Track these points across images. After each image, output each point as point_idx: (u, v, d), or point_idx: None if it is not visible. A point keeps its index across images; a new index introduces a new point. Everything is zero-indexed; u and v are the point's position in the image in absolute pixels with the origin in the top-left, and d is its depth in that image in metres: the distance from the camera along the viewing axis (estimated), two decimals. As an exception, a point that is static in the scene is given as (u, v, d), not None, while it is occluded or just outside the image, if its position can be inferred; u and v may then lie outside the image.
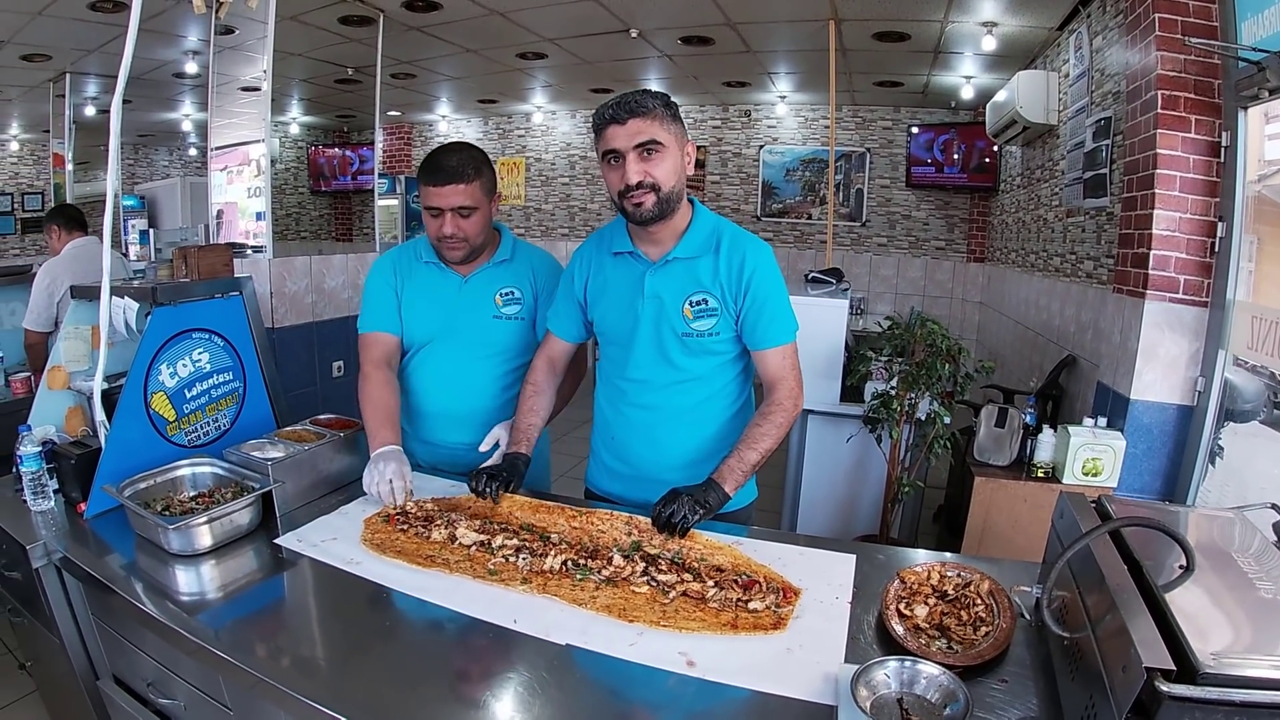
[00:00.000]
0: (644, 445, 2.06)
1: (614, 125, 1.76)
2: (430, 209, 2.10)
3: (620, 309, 1.99)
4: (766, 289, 1.87)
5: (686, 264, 1.91)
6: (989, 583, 1.48)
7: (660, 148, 1.77)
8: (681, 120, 1.83)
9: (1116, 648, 1.00)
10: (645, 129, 1.75)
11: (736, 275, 1.87)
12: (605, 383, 2.12)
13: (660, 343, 1.94)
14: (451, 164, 2.05)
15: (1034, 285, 5.63)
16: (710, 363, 1.96)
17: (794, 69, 6.81)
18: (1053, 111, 5.09)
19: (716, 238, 1.91)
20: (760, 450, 1.82)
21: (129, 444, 1.99)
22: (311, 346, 4.71)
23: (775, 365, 1.90)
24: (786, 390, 1.89)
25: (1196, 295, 2.98)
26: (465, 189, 2.06)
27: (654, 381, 1.98)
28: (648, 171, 1.78)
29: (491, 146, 9.80)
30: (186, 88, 6.93)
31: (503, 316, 2.25)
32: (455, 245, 2.14)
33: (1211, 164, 2.92)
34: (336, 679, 1.31)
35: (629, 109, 1.74)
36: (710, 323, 1.90)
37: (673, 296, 1.91)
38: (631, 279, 1.96)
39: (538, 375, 2.12)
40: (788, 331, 1.90)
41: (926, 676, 1.19)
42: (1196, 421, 3.00)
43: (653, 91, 1.78)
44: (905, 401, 3.47)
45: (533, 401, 2.09)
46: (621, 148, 1.76)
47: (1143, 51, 3.05)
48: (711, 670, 1.29)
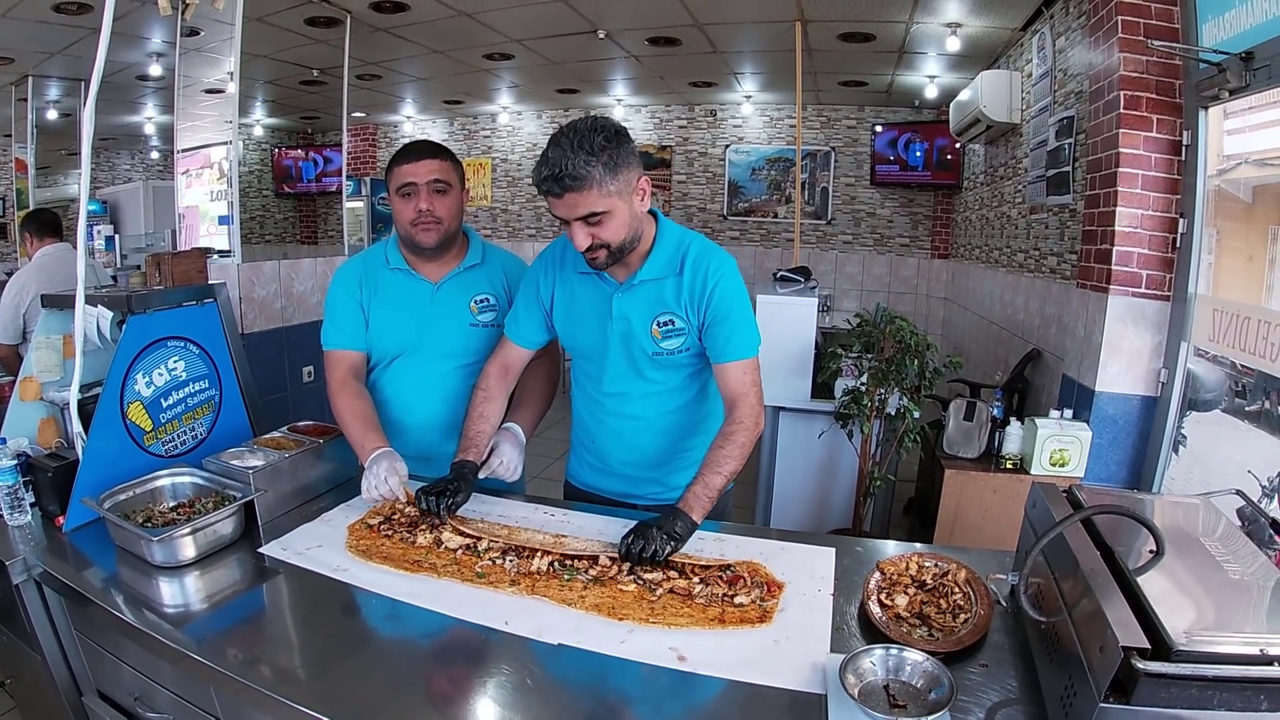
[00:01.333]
0: (623, 449, 2.08)
1: (552, 198, 1.70)
2: (404, 187, 2.06)
3: (589, 328, 1.98)
4: (728, 304, 1.86)
5: (652, 285, 1.89)
6: (965, 571, 1.53)
7: (604, 215, 1.71)
8: (628, 164, 1.72)
9: (1093, 629, 1.05)
10: (583, 202, 1.68)
11: (700, 293, 1.86)
12: (581, 391, 2.13)
13: (631, 360, 1.95)
14: (425, 145, 2.09)
15: (998, 281, 5.73)
16: (683, 374, 1.99)
17: (760, 69, 6.87)
18: (1016, 110, 5.18)
19: (681, 256, 1.89)
20: (724, 474, 1.78)
21: (106, 455, 1.96)
22: (282, 351, 4.67)
23: (735, 380, 1.86)
24: (747, 408, 1.84)
25: (1159, 289, 3.07)
26: (440, 164, 2.07)
27: (630, 394, 2.00)
28: (595, 235, 1.74)
29: (457, 147, 9.74)
30: (150, 90, 6.84)
31: (479, 325, 2.21)
32: (429, 225, 2.08)
33: (1173, 162, 3.00)
34: (330, 685, 1.30)
35: (563, 184, 1.65)
36: (678, 341, 1.91)
37: (640, 318, 1.90)
38: (599, 299, 1.95)
39: (489, 381, 2.07)
40: (749, 347, 1.87)
41: (911, 663, 1.24)
42: (1160, 411, 3.08)
43: (590, 146, 1.65)
44: (875, 397, 3.53)
45: (483, 408, 2.03)
46: (564, 216, 1.73)
47: (1106, 52, 3.12)
48: (703, 664, 1.32)
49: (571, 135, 1.66)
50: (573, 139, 1.65)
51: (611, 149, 1.67)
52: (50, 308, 2.31)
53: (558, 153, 1.65)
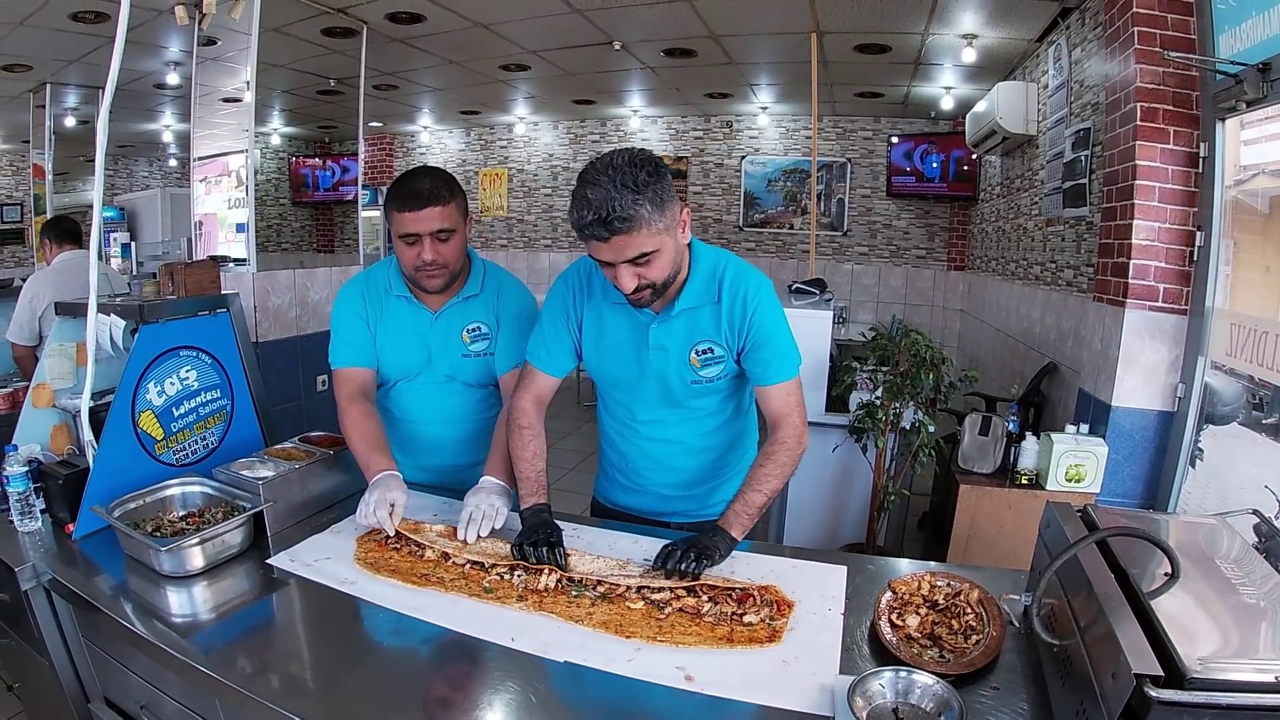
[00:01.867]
0: (659, 472, 2.05)
1: (596, 242, 1.60)
2: (406, 236, 1.98)
3: (625, 358, 1.92)
4: (768, 328, 1.82)
5: (690, 314, 1.84)
6: (978, 591, 1.51)
7: (652, 254, 1.63)
8: (670, 197, 1.64)
9: (1105, 654, 1.02)
10: (632, 243, 1.59)
11: (739, 321, 1.82)
12: (613, 418, 2.08)
13: (668, 389, 1.91)
14: (426, 187, 1.95)
15: (1014, 293, 5.70)
16: (719, 397, 1.96)
17: (775, 80, 6.87)
18: (1032, 122, 5.16)
19: (718, 283, 1.83)
20: (765, 491, 1.75)
21: (117, 463, 1.97)
22: (296, 360, 4.69)
23: (778, 402, 1.84)
24: (790, 428, 1.82)
25: (1176, 303, 3.03)
26: (443, 211, 1.97)
27: (666, 420, 1.97)
28: (641, 275, 1.66)
29: (474, 157, 9.82)
30: (167, 98, 6.92)
31: (471, 354, 2.19)
32: (434, 273, 2.04)
33: (1190, 174, 2.96)
34: (334, 700, 1.30)
35: (611, 227, 1.55)
36: (717, 369, 1.87)
37: (678, 347, 1.86)
38: (634, 329, 1.88)
39: (530, 417, 1.96)
40: (791, 368, 1.84)
41: (921, 686, 1.21)
42: (1177, 427, 3.04)
43: (634, 183, 1.55)
44: (890, 411, 3.50)
45: (535, 446, 1.93)
46: (610, 260, 1.64)
47: (1122, 64, 3.10)
48: (710, 684, 1.31)
49: (611, 173, 1.56)
50: (614, 177, 1.55)
51: (654, 184, 1.59)
52: (64, 315, 2.33)
53: (600, 193, 1.55)
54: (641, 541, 1.88)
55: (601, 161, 1.60)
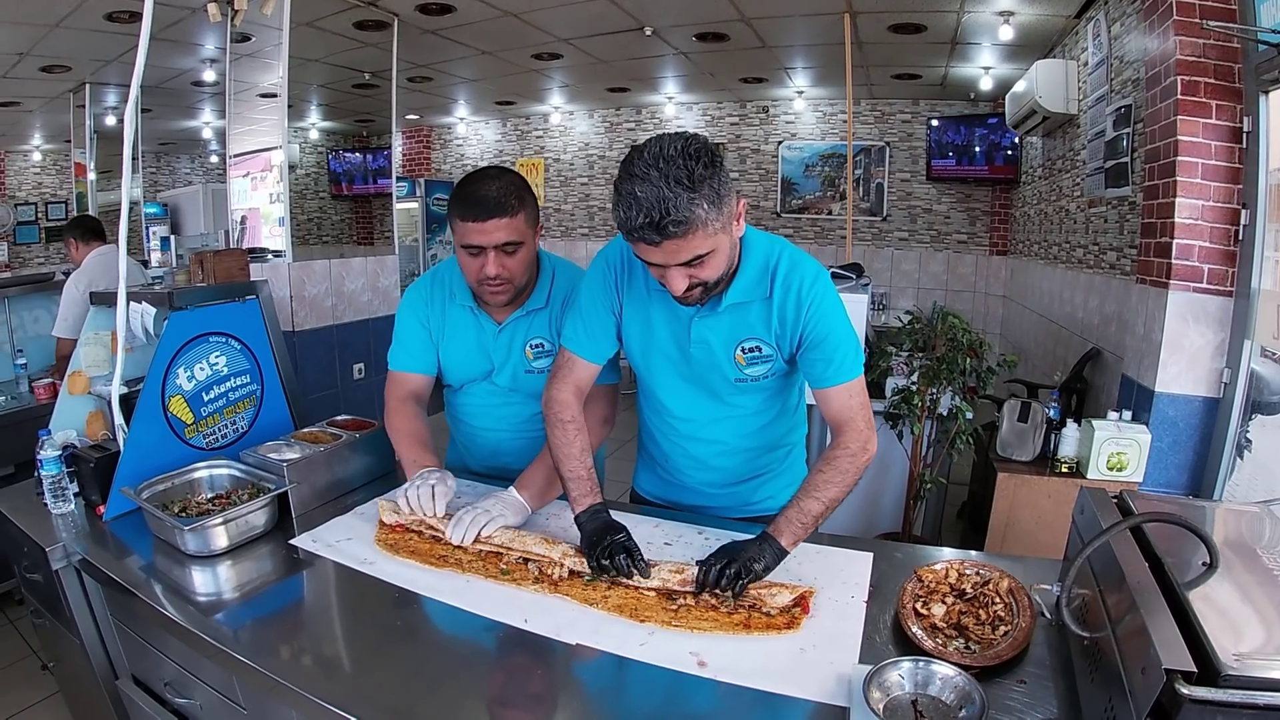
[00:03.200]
0: (700, 470, 1.94)
1: (646, 246, 1.44)
2: (470, 247, 1.81)
3: (666, 350, 1.78)
4: (826, 326, 1.64)
5: (738, 309, 1.67)
6: (1009, 581, 1.45)
7: (708, 255, 1.47)
8: (728, 189, 1.44)
9: (1136, 648, 0.97)
10: (687, 247, 1.43)
11: (793, 318, 1.65)
12: (653, 411, 1.95)
13: (709, 386, 1.78)
14: (492, 194, 1.77)
15: (1057, 277, 5.58)
16: (765, 395, 1.82)
17: (810, 63, 6.78)
18: (1072, 101, 5.03)
19: (769, 277, 1.65)
20: (824, 500, 1.57)
21: (147, 447, 2.00)
22: (332, 349, 4.75)
23: (840, 405, 1.66)
24: (855, 434, 1.64)
25: (1221, 285, 2.93)
26: (509, 223, 1.78)
27: (708, 418, 1.84)
28: (694, 276, 1.50)
29: (510, 148, 9.84)
30: (205, 95, 7.03)
31: (534, 370, 2.07)
32: (498, 289, 1.88)
33: (1233, 150, 2.87)
34: (349, 679, 1.31)
35: (665, 231, 1.38)
36: (764, 368, 1.72)
37: (723, 343, 1.71)
38: (674, 320, 1.73)
39: (571, 410, 1.79)
40: (853, 367, 1.66)
41: (941, 677, 1.16)
42: (1223, 414, 2.94)
43: (689, 179, 1.36)
44: (927, 397, 3.43)
45: (581, 441, 1.77)
46: (662, 263, 1.48)
47: (1161, 37, 3.00)
48: (723, 671, 1.28)
49: (662, 166, 1.36)
50: (665, 171, 1.35)
51: (711, 177, 1.39)
52: (98, 305, 2.38)
53: (651, 191, 1.35)
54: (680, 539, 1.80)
55: (650, 151, 1.39)
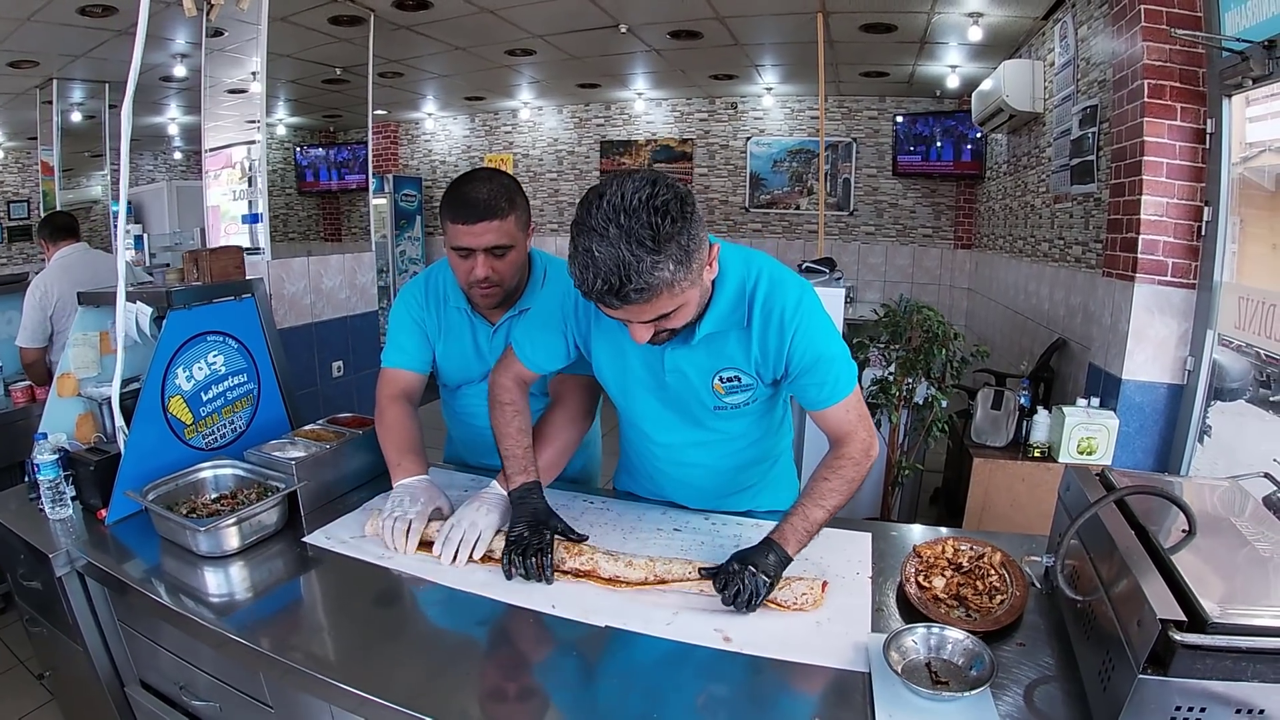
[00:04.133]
0: (679, 488, 1.94)
1: (605, 307, 1.37)
2: (459, 249, 1.81)
3: (639, 379, 1.72)
4: (814, 350, 1.57)
5: (713, 339, 1.59)
6: (1000, 554, 1.56)
7: (675, 311, 1.40)
8: (699, 239, 1.34)
9: (1130, 605, 1.07)
10: (651, 309, 1.36)
11: (774, 347, 1.58)
12: (634, 433, 1.91)
13: (689, 414, 1.73)
14: (482, 196, 1.76)
15: (1022, 270, 5.71)
16: (747, 420, 1.77)
17: (780, 61, 6.85)
18: (1039, 99, 5.16)
19: (747, 303, 1.57)
20: (828, 507, 1.56)
21: (148, 448, 1.98)
22: (311, 347, 4.74)
23: (838, 421, 1.62)
24: (856, 444, 1.62)
25: (1184, 278, 3.07)
26: (500, 225, 1.78)
27: (686, 442, 1.80)
28: (660, 326, 1.43)
29: (478, 143, 9.81)
30: (173, 91, 6.92)
31: None
32: (488, 291, 1.88)
33: (1197, 150, 3.00)
34: (381, 668, 1.32)
35: (626, 298, 1.30)
36: (744, 396, 1.67)
37: (700, 373, 1.64)
38: (649, 351, 1.63)
39: (511, 394, 1.81)
40: (847, 384, 1.61)
41: (952, 641, 1.27)
42: (1187, 400, 3.09)
43: (654, 237, 1.25)
44: (903, 387, 3.54)
45: (519, 422, 1.79)
46: (625, 319, 1.42)
47: (1129, 41, 3.12)
48: (748, 645, 1.36)
49: (623, 221, 1.25)
50: (626, 227, 1.25)
51: (679, 233, 1.28)
52: (87, 305, 2.33)
53: (608, 251, 1.25)
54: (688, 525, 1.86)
55: (610, 200, 1.27)
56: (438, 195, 10.05)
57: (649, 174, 1.31)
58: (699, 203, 1.36)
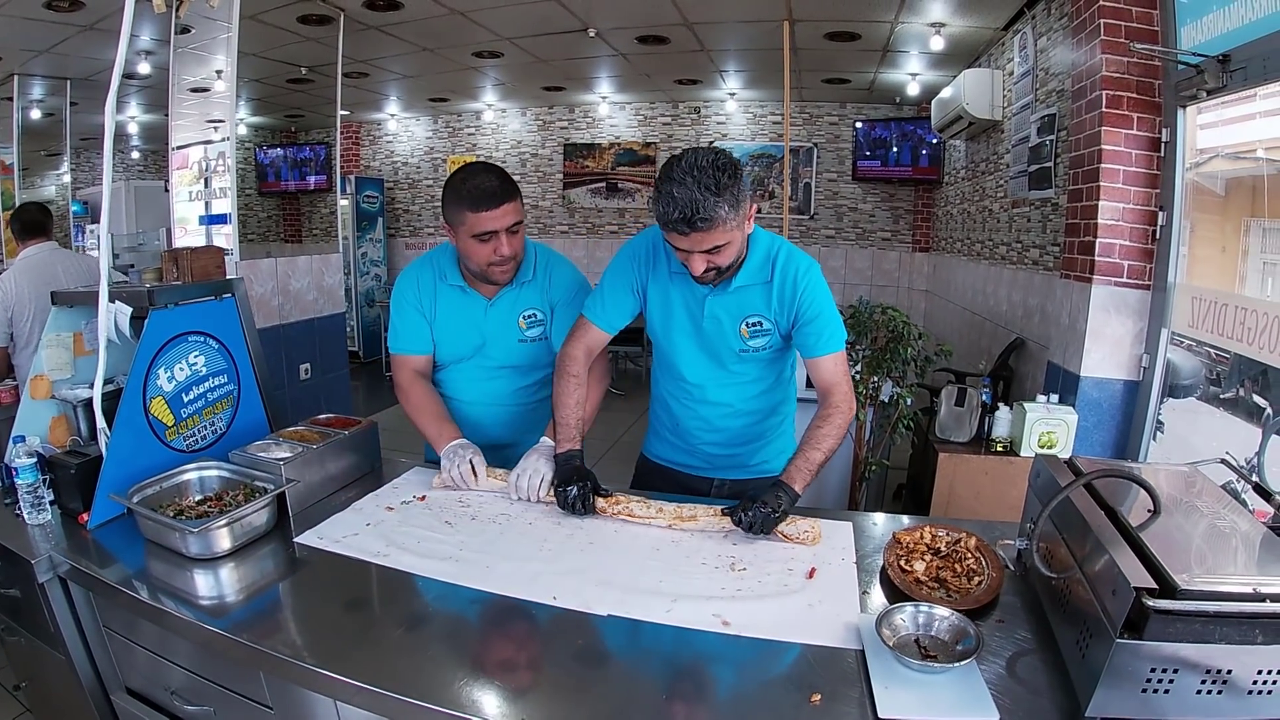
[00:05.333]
0: (708, 431, 2.21)
1: (677, 235, 1.77)
2: (483, 234, 2.04)
3: (682, 325, 2.09)
4: (817, 305, 1.97)
5: (743, 290, 2.00)
6: (975, 539, 1.65)
7: (725, 246, 1.81)
8: (745, 195, 1.79)
9: (1105, 577, 1.16)
10: (709, 239, 1.76)
11: (789, 300, 1.98)
12: (667, 378, 2.24)
13: (717, 356, 2.09)
14: (495, 184, 2.03)
15: (980, 273, 5.85)
16: (762, 366, 2.12)
17: (745, 67, 6.95)
18: (998, 108, 5.30)
19: (771, 264, 1.99)
20: (824, 450, 1.90)
21: (130, 450, 1.95)
22: (279, 349, 4.69)
23: (829, 371, 1.99)
24: (842, 395, 1.98)
25: (1139, 279, 3.19)
26: (515, 205, 2.06)
27: (715, 383, 2.13)
28: (711, 261, 1.83)
29: (441, 145, 9.79)
30: (134, 89, 6.77)
31: (527, 340, 2.29)
32: (508, 267, 2.15)
33: (1152, 158, 3.11)
34: (383, 662, 1.32)
35: (694, 225, 1.72)
36: (764, 340, 2.04)
37: (731, 319, 2.03)
38: (691, 299, 2.05)
39: (578, 366, 2.12)
40: (838, 340, 2.00)
41: (939, 618, 1.35)
42: (1143, 395, 3.20)
43: (716, 185, 1.70)
44: (869, 385, 3.63)
45: (577, 394, 2.09)
46: (687, 249, 1.80)
47: (1088, 53, 3.23)
48: (746, 628, 1.42)
49: (696, 174, 1.70)
50: (698, 178, 1.70)
51: (733, 185, 1.73)
52: (60, 305, 2.27)
53: (685, 193, 1.70)
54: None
55: (687, 161, 1.74)
56: (400, 197, 10.01)
57: (714, 147, 1.82)
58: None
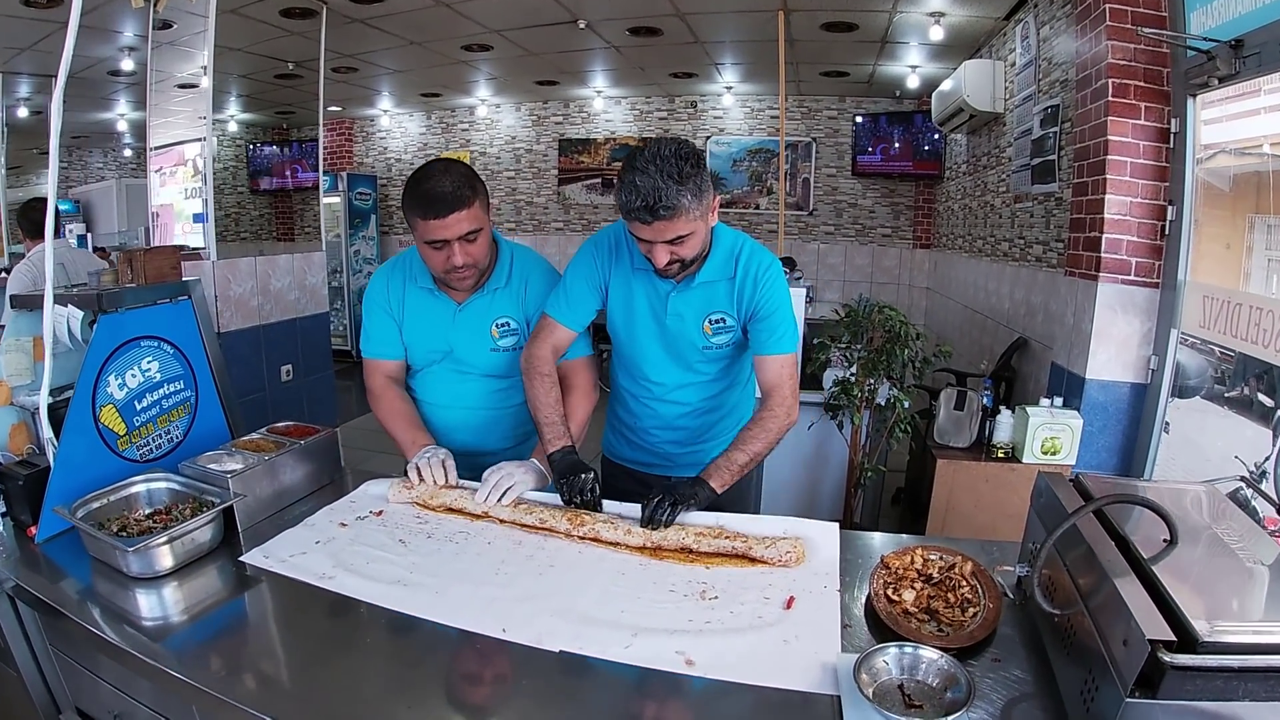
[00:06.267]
0: (665, 430, 2.20)
1: (639, 224, 1.75)
2: (433, 243, 1.90)
3: (644, 322, 2.06)
4: (774, 304, 1.95)
5: (707, 286, 1.98)
6: (971, 564, 1.49)
7: (687, 236, 1.78)
8: (707, 186, 1.77)
9: (1114, 622, 1.01)
10: (671, 228, 1.74)
11: (750, 292, 1.95)
12: (627, 377, 2.21)
13: (680, 354, 2.07)
14: (447, 189, 1.86)
15: (982, 270, 5.74)
16: (723, 364, 2.11)
17: (741, 60, 6.85)
18: (999, 100, 5.19)
19: (734, 260, 1.97)
20: (749, 453, 1.87)
21: (79, 461, 1.88)
22: (259, 350, 4.58)
23: (773, 373, 1.96)
24: (780, 400, 1.94)
25: (1148, 277, 3.08)
26: (469, 213, 1.88)
27: (675, 383, 2.12)
28: (675, 253, 1.81)
29: (435, 141, 9.67)
30: (121, 86, 6.71)
31: (499, 349, 2.17)
32: (465, 274, 2.01)
33: (1161, 149, 3.00)
34: (319, 700, 1.25)
35: (656, 213, 1.70)
36: (727, 337, 2.02)
37: (694, 315, 2.00)
38: (653, 296, 2.02)
39: (547, 365, 2.04)
40: (787, 343, 1.97)
41: (926, 661, 1.20)
42: (1150, 399, 3.09)
43: (678, 174, 1.69)
44: (865, 387, 3.50)
45: (555, 392, 2.01)
46: (649, 239, 1.78)
47: (1093, 41, 3.12)
48: (711, 668, 1.27)
49: (659, 163, 1.69)
50: (660, 166, 1.68)
51: (696, 175, 1.72)
52: (20, 309, 2.19)
53: (647, 181, 1.68)
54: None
55: (650, 150, 1.72)
56: (394, 194, 9.91)
57: (677, 138, 1.81)
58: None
